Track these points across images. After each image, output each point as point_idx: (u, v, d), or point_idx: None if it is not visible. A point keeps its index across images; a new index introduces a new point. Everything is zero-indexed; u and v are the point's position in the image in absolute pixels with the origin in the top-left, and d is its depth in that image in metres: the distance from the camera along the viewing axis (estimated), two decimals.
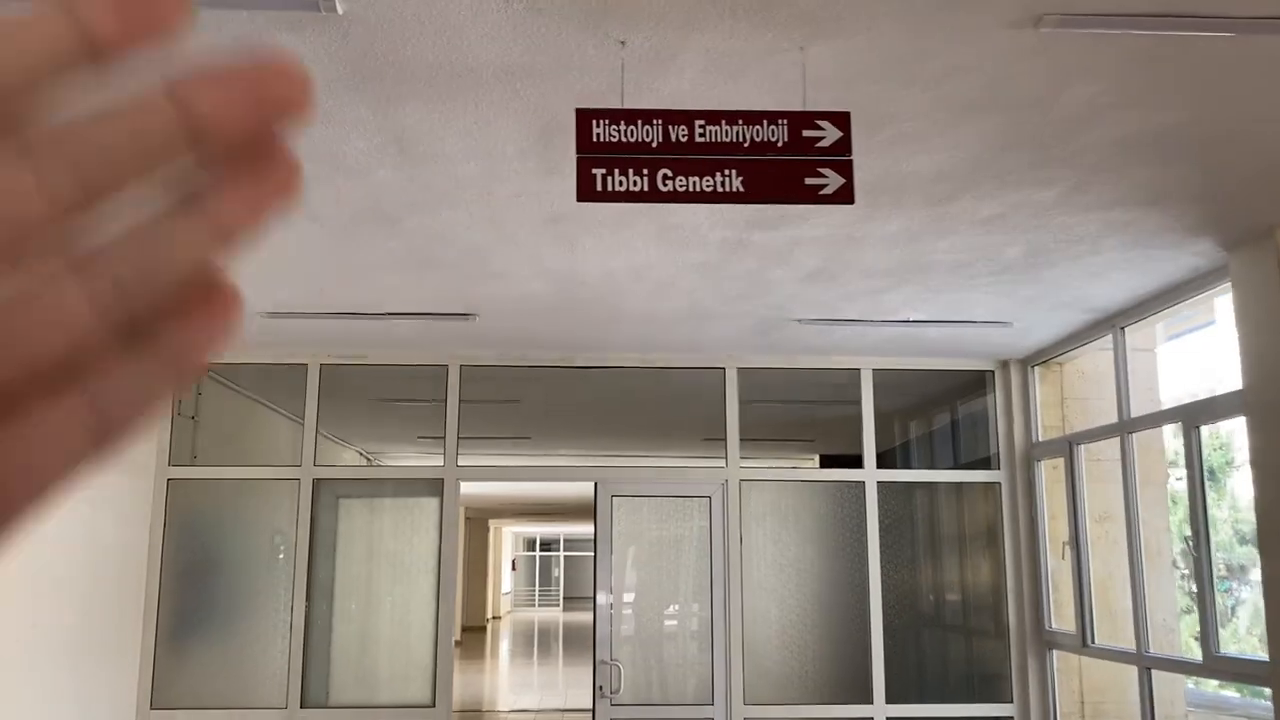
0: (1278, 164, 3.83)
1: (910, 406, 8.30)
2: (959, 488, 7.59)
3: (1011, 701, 7.01)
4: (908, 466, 7.82)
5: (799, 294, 5.63)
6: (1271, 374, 4.53)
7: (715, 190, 2.85)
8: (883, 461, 7.25)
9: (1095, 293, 5.55)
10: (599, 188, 2.81)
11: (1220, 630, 5.22)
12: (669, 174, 2.81)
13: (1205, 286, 5.14)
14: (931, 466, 7.89)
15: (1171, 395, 6.71)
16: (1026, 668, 6.99)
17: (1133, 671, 6.00)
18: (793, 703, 7.12)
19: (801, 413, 8.89)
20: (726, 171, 2.81)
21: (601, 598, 7.23)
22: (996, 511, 7.29)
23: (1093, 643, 6.42)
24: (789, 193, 2.84)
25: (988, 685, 7.15)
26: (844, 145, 2.91)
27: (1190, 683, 6.99)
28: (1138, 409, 6.04)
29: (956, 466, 7.67)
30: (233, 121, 0.28)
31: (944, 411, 8.16)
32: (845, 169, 2.88)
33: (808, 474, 9.60)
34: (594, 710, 7.02)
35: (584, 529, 29.80)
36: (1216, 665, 5.15)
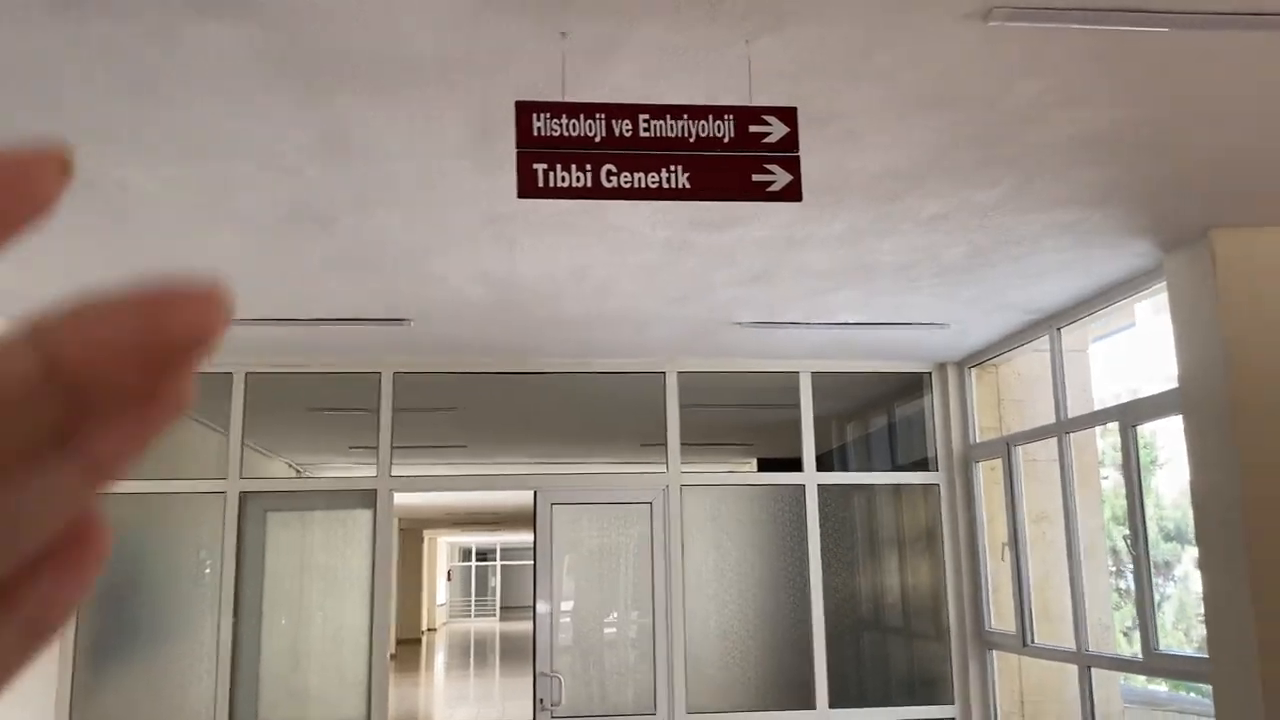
0: (1213, 164, 3.86)
1: (849, 409, 8.31)
2: (898, 490, 7.60)
3: (953, 703, 7.02)
4: (847, 469, 7.82)
5: (740, 296, 5.57)
6: (1207, 373, 4.57)
7: (661, 187, 2.75)
8: (822, 464, 7.23)
9: (1034, 294, 5.58)
10: (541, 183, 2.70)
11: (1155, 627, 5.27)
12: (613, 170, 2.71)
13: (1141, 288, 5.20)
14: (870, 469, 7.90)
15: (1099, 397, 6.80)
16: (967, 669, 7.01)
17: (1068, 670, 6.04)
18: (735, 710, 7.05)
19: (741, 416, 8.86)
20: (672, 168, 2.72)
21: (541, 607, 7.10)
22: (935, 513, 7.31)
23: (1032, 642, 6.45)
24: (736, 189, 2.76)
25: (929, 687, 7.17)
26: (791, 141, 2.84)
27: (1121, 679, 7.08)
28: (1073, 409, 6.09)
29: (895, 468, 7.69)
30: (115, 374, 0.22)
31: (882, 414, 8.18)
32: (793, 165, 2.81)
33: (748, 478, 9.56)
34: None
35: (521, 538, 29.52)
36: (1157, 663, 5.19)
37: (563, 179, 2.70)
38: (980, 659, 6.99)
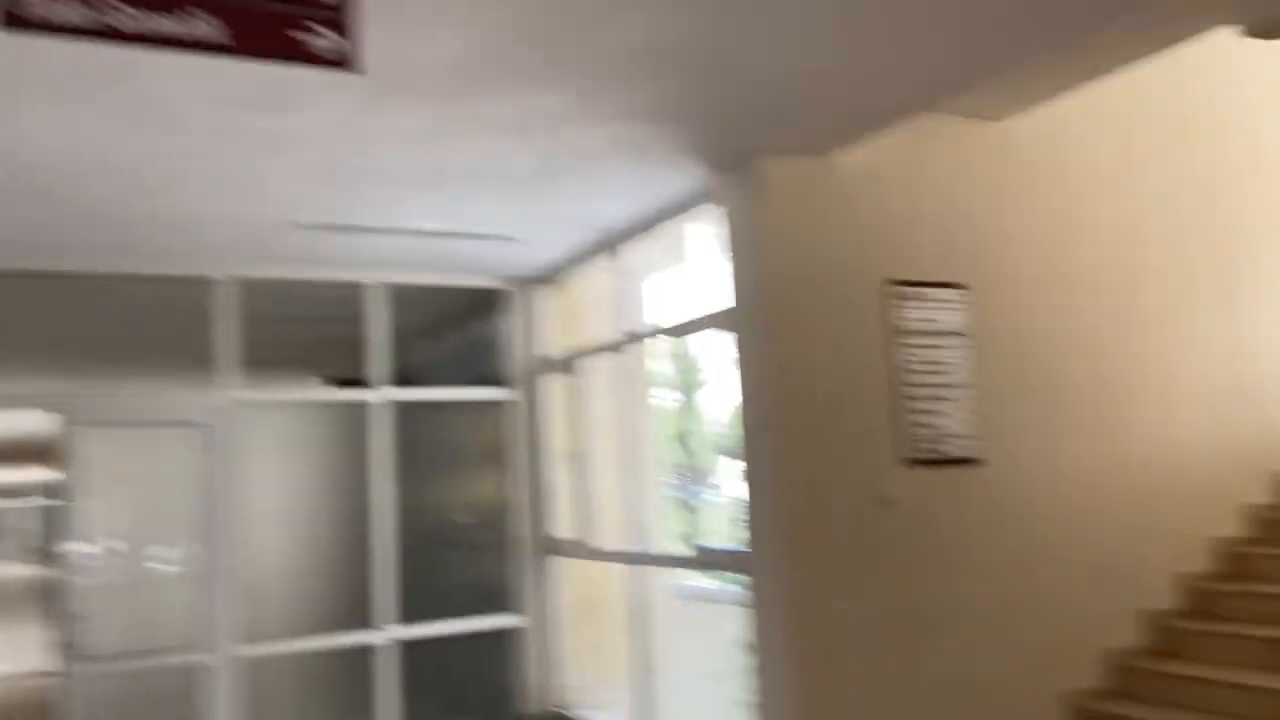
0: (764, 88, 4.08)
1: (423, 324, 8.12)
2: (471, 406, 7.58)
3: (520, 612, 7.20)
4: (420, 385, 7.64)
5: (303, 195, 5.13)
6: (753, 294, 4.92)
7: (184, 37, 2.35)
8: (395, 381, 6.99)
9: (600, 211, 5.69)
10: (22, 15, 2.19)
11: (701, 530, 5.72)
12: (121, 6, 2.26)
13: (699, 209, 5.46)
14: (444, 385, 7.79)
15: (659, 319, 7.19)
16: (534, 577, 7.21)
17: (628, 572, 6.40)
18: (299, 635, 6.72)
19: (309, 330, 8.33)
20: (197, 11, 2.32)
21: (74, 546, 6.26)
22: (507, 428, 7.38)
23: (594, 547, 6.76)
24: (277, 47, 2.43)
25: (498, 597, 7.29)
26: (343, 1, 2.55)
27: (674, 578, 7.66)
28: (633, 327, 6.38)
29: (469, 384, 7.65)
30: None
31: (458, 329, 8.09)
32: (343, 28, 2.53)
33: (315, 396, 9.05)
34: (62, 671, 6.08)
35: (44, 473, 26.14)
36: (702, 558, 5.65)
37: (53, 12, 2.21)
38: (545, 567, 7.23)
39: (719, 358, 5.56)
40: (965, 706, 4.90)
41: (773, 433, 4.76)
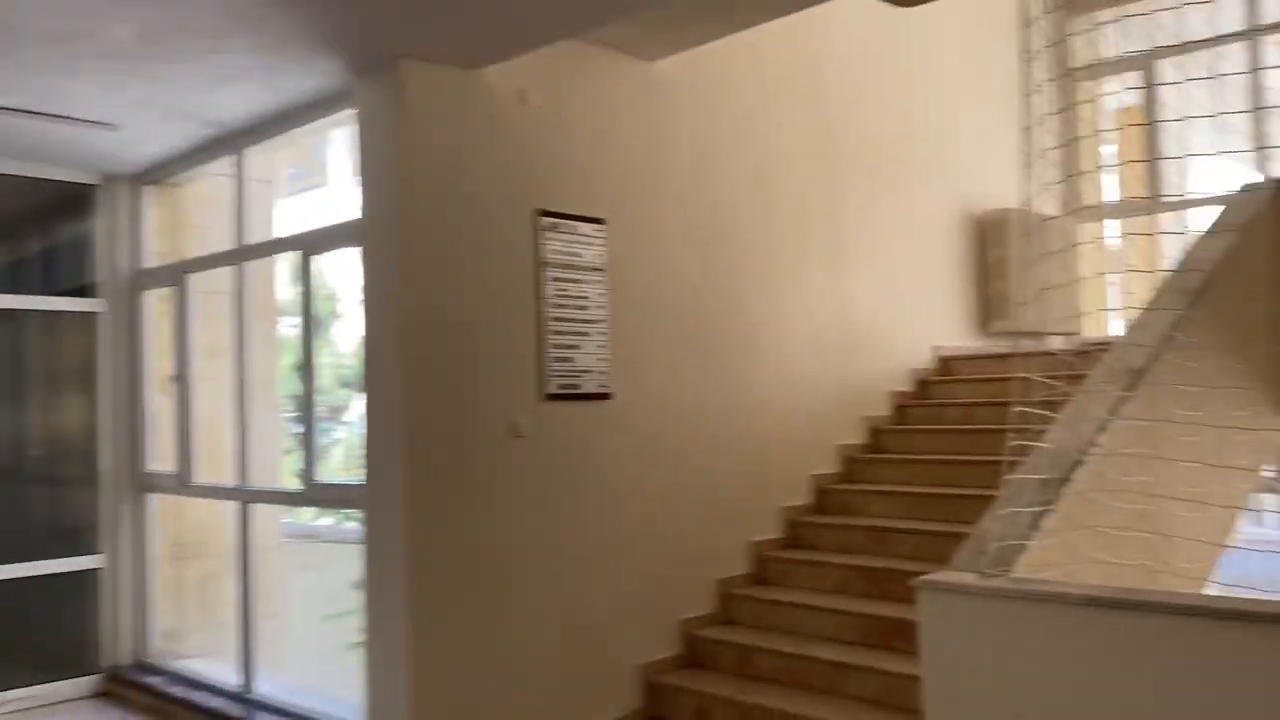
0: None
1: None
2: (51, 318, 6.56)
3: (101, 552, 6.38)
4: None
5: None
6: (385, 210, 4.56)
7: None
8: None
9: (216, 104, 5.05)
10: None
11: (321, 466, 5.32)
12: None
13: (331, 111, 5.00)
14: (16, 292, 6.66)
15: (288, 234, 6.61)
16: (120, 514, 6.42)
17: (235, 510, 5.85)
18: None
19: None
20: None
21: None
22: (94, 345, 6.46)
23: (195, 483, 6.12)
24: None
25: (74, 537, 6.40)
26: None
27: (289, 518, 7.19)
28: (254, 240, 5.79)
29: (49, 293, 6.59)
30: None
31: (36, 229, 6.93)
32: None
33: None
34: None
35: None
36: (315, 494, 5.26)
37: None
38: (136, 502, 6.45)
39: (354, 287, 5.16)
40: (584, 637, 4.96)
41: (398, 361, 4.46)
